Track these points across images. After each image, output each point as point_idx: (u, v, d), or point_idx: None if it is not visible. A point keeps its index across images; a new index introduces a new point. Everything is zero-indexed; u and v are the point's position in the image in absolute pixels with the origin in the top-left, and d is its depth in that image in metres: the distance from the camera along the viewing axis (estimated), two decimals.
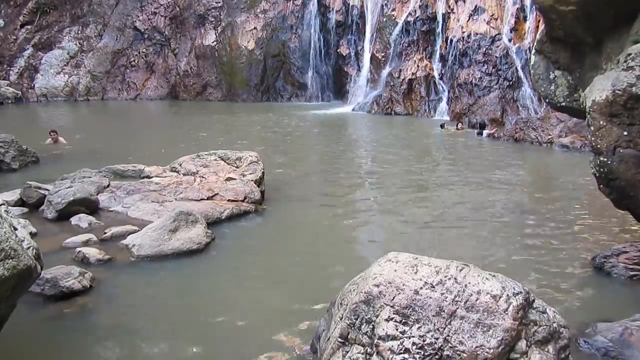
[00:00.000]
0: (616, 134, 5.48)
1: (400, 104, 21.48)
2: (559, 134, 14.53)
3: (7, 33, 27.67)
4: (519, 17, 19.72)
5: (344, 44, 24.93)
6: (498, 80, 19.45)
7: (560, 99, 6.92)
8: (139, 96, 27.80)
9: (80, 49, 27.95)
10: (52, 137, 13.75)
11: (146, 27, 28.30)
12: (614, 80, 5.43)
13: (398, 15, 22.45)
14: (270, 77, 26.58)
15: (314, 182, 10.34)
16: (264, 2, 26.66)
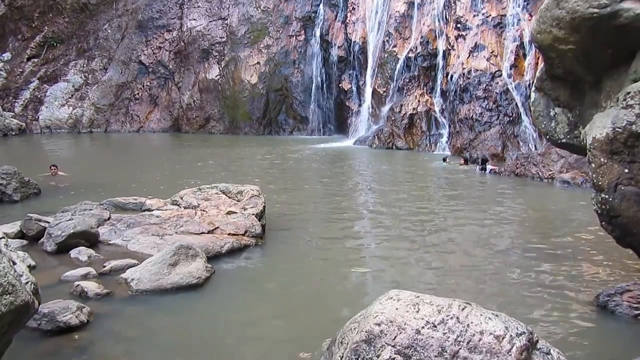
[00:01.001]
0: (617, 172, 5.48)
1: (401, 139, 21.60)
2: (560, 169, 14.54)
3: (13, 66, 28.09)
4: (519, 54, 19.99)
5: (346, 79, 25.25)
6: (498, 115, 19.60)
7: (561, 135, 6.94)
8: (142, 128, 28.04)
9: (85, 82, 28.34)
10: (52, 172, 13.70)
11: (151, 61, 28.74)
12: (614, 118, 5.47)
13: (399, 51, 22.78)
14: (273, 110, 26.84)
15: (315, 217, 10.30)
16: (267, 37, 27.14)
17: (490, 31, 20.61)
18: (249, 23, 27.58)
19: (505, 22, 20.53)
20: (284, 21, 27.12)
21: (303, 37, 26.73)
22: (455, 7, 21.50)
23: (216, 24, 28.12)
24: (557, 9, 5.69)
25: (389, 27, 23.27)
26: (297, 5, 27.01)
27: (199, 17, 28.47)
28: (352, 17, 25.17)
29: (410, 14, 22.87)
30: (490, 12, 20.74)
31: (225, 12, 28.14)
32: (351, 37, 25.03)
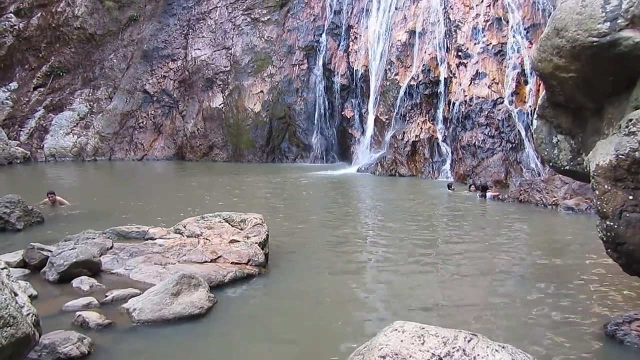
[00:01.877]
0: (622, 198, 5.46)
1: (404, 166, 21.64)
2: (564, 196, 14.49)
3: (20, 95, 28.43)
4: (520, 82, 20.15)
5: (349, 107, 25.43)
6: (501, 142, 19.65)
7: (564, 162, 6.94)
8: (146, 157, 28.18)
9: (90, 111, 28.63)
10: (50, 199, 13.65)
11: (155, 90, 29.06)
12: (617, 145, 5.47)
13: (401, 79, 22.98)
14: (276, 138, 26.99)
15: (319, 245, 10.25)
16: (271, 66, 27.46)
17: (491, 59, 20.82)
18: (253, 52, 27.94)
19: (505, 50, 20.76)
20: (287, 50, 27.47)
21: (306, 66, 27.04)
22: (456, 35, 21.77)
23: (220, 54, 28.50)
24: (557, 38, 5.75)
25: (390, 55, 23.54)
26: (300, 35, 27.40)
27: (203, 47, 28.88)
28: (354, 46, 25.49)
29: (411, 42, 23.14)
30: (491, 40, 20.99)
31: (230, 42, 28.55)
32: (353, 65, 25.29)
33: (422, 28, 22.95)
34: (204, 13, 29.31)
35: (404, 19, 23.64)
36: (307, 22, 27.50)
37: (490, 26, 21.19)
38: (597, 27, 5.41)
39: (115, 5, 29.00)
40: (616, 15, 5.36)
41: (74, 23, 28.97)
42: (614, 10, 5.38)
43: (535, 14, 20.59)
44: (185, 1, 29.67)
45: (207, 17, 29.20)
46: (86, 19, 29.09)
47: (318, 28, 27.18)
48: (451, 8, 22.30)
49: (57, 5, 29.18)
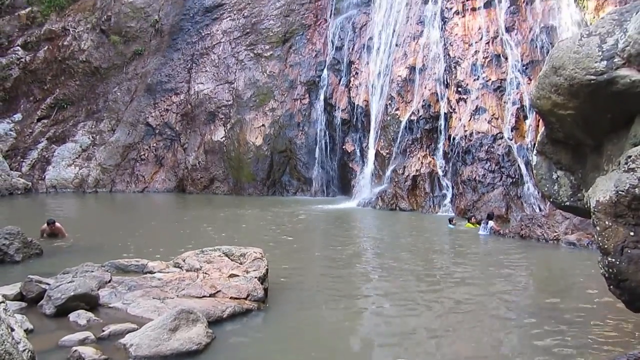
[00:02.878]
0: (623, 235, 5.44)
1: (405, 200, 21.63)
2: (565, 231, 14.44)
3: (23, 126, 28.68)
4: (519, 117, 20.33)
5: (349, 141, 25.59)
6: (501, 177, 19.70)
7: (564, 198, 6.94)
8: (147, 189, 28.22)
9: (93, 143, 28.82)
10: (50, 228, 13.61)
11: (158, 123, 29.31)
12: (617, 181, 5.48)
13: (402, 114, 23.19)
14: (277, 172, 27.08)
15: (319, 280, 10.16)
16: (273, 100, 27.77)
17: (491, 94, 21.06)
18: (255, 87, 28.29)
19: (505, 86, 21.02)
20: (289, 85, 27.82)
21: (307, 100, 27.34)
22: (456, 71, 22.08)
23: (223, 88, 28.86)
24: (555, 76, 5.83)
25: (391, 91, 23.81)
26: (302, 70, 27.80)
27: (206, 81, 29.26)
28: (355, 82, 25.81)
29: (412, 78, 23.44)
30: (490, 76, 21.27)
31: (232, 77, 28.94)
32: (354, 100, 25.56)
33: (422, 64, 23.28)
34: (208, 48, 29.80)
35: (404, 55, 24.01)
36: (309, 57, 27.94)
37: (490, 63, 21.50)
38: (595, 66, 5.49)
39: (120, 40, 29.51)
40: (613, 54, 5.45)
41: (80, 56, 29.45)
42: (610, 49, 5.47)
43: (533, 51, 20.92)
44: (190, 36, 30.21)
45: (211, 52, 29.68)
46: (92, 53, 29.58)
47: (320, 63, 27.60)
48: (451, 45, 22.68)
49: (63, 39, 29.73)
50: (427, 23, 23.86)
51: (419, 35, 23.90)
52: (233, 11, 29.92)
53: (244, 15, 29.59)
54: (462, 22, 22.90)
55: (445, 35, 23.03)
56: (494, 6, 22.38)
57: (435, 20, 23.61)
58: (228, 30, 29.71)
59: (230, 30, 29.66)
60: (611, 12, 5.93)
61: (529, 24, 21.61)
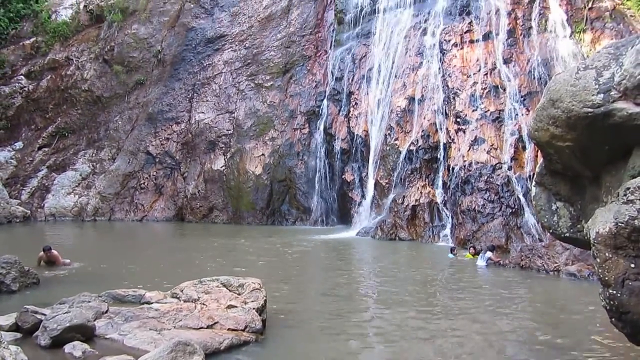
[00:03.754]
0: (623, 267, 5.42)
1: (404, 230, 21.57)
2: (566, 261, 14.36)
3: (24, 154, 28.79)
4: (518, 147, 20.43)
5: (349, 171, 25.65)
6: (501, 207, 19.69)
7: (564, 229, 6.94)
8: (146, 217, 28.15)
9: (93, 171, 28.87)
10: (46, 254, 13.53)
11: (158, 152, 29.43)
12: (616, 213, 5.48)
13: (401, 144, 23.31)
14: (276, 201, 27.07)
15: (317, 312, 10.05)
16: (273, 130, 27.95)
17: (489, 125, 21.21)
18: (256, 116, 28.51)
19: (503, 117, 21.19)
20: (289, 115, 28.04)
21: (307, 130, 27.52)
22: (455, 102, 22.29)
23: (223, 117, 29.08)
24: (552, 109, 5.90)
25: (390, 121, 23.99)
26: (302, 100, 28.06)
27: (207, 111, 29.49)
28: (355, 112, 26.02)
29: (411, 108, 23.64)
30: (489, 107, 21.46)
31: (233, 106, 29.19)
32: (354, 130, 25.71)
33: (421, 95, 23.51)
34: (209, 78, 30.13)
35: (403, 86, 24.27)
36: (309, 88, 28.24)
37: (488, 94, 21.72)
38: (591, 99, 5.56)
39: (123, 70, 29.86)
40: (609, 87, 5.52)
41: (82, 86, 29.76)
42: (606, 82, 5.55)
43: (531, 83, 21.16)
44: (191, 67, 30.57)
45: (212, 82, 30.00)
46: (94, 82, 29.90)
47: (319, 94, 27.88)
48: (449, 76, 22.95)
49: (67, 68, 30.10)
50: (426, 55, 24.19)
51: (418, 67, 24.20)
52: (235, 42, 30.36)
53: (246, 47, 30.02)
54: (460, 54, 23.22)
55: (444, 67, 23.32)
56: (492, 39, 22.73)
57: (434, 52, 23.95)
58: (229, 60, 30.09)
59: (231, 61, 30.05)
60: (607, 46, 6.02)
61: (526, 56, 21.91)
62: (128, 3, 30.77)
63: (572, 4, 22.32)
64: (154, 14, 30.85)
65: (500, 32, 22.65)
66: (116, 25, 30.48)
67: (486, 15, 23.32)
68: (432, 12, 25.34)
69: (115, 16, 30.33)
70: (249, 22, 30.43)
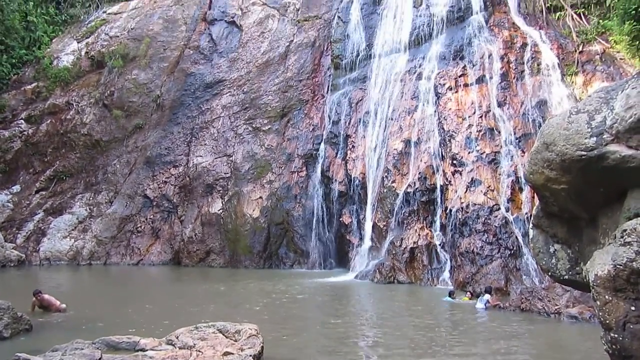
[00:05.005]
0: (624, 309, 5.38)
1: (403, 273, 21.38)
2: (566, 304, 14.21)
3: (21, 198, 28.77)
4: (515, 189, 20.51)
5: (346, 213, 25.61)
6: (499, 249, 19.60)
7: (563, 272, 6.92)
8: (142, 261, 27.89)
9: (90, 215, 28.77)
10: (37, 298, 13.32)
11: (156, 195, 29.42)
12: (614, 255, 5.49)
13: (398, 186, 23.37)
14: (274, 244, 26.91)
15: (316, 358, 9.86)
16: (270, 173, 28.06)
17: (486, 167, 21.35)
18: (253, 160, 28.67)
19: (499, 159, 21.36)
20: (287, 158, 28.22)
21: (305, 173, 27.64)
22: (451, 144, 22.50)
23: (221, 161, 29.24)
24: (547, 152, 5.98)
25: (387, 163, 24.13)
26: (300, 143, 28.31)
27: (205, 154, 29.67)
28: (352, 155, 26.21)
29: (407, 151, 23.83)
30: (484, 149, 21.65)
31: (231, 150, 29.40)
32: (351, 173, 25.83)
33: (417, 137, 23.75)
34: (208, 122, 30.45)
35: (399, 129, 24.54)
36: (306, 131, 28.54)
37: (483, 136, 21.96)
38: (585, 142, 5.64)
39: (122, 114, 30.19)
40: (601, 130, 5.62)
41: (82, 130, 30.02)
42: (599, 126, 5.65)
43: (525, 125, 21.44)
44: (190, 111, 30.94)
45: (210, 126, 30.31)
46: (94, 126, 30.18)
47: (317, 137, 28.14)
48: (445, 119, 23.25)
49: (66, 113, 30.44)
50: (421, 98, 24.57)
51: (414, 110, 24.54)
52: (233, 87, 30.85)
53: (244, 91, 30.47)
54: (455, 97, 23.60)
55: (439, 110, 23.65)
56: (486, 82, 23.16)
57: (429, 96, 24.34)
58: (228, 105, 30.49)
59: (229, 105, 30.45)
60: (597, 90, 6.16)
61: (520, 99, 22.28)
62: (129, 49, 31.38)
63: (563, 47, 22.88)
64: (154, 60, 31.43)
65: (493, 76, 23.12)
66: (116, 70, 31.00)
67: (479, 59, 23.84)
68: (426, 57, 25.89)
69: (115, 62, 30.89)
70: (247, 67, 31.00)
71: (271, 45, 31.22)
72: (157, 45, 31.78)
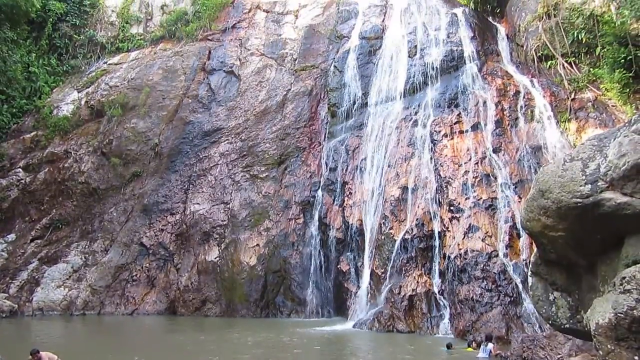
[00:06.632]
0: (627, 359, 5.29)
1: (401, 321, 21.00)
2: (569, 352, 13.90)
3: (16, 247, 28.49)
4: (513, 235, 20.46)
5: (344, 260, 25.40)
6: (499, 296, 19.37)
7: (563, 320, 6.83)
8: (137, 311, 27.39)
9: (85, 263, 28.42)
10: (35, 358, 12.93)
11: (152, 243, 29.18)
12: (614, 303, 5.44)
13: (396, 233, 23.30)
14: (271, 292, 26.52)
15: None
16: (267, 220, 27.97)
17: (483, 213, 21.37)
18: (250, 207, 28.64)
19: (496, 204, 21.41)
20: (284, 205, 28.21)
21: (302, 220, 27.57)
22: (447, 191, 22.60)
23: (218, 208, 29.20)
24: (542, 199, 6.01)
25: (384, 210, 24.14)
26: (297, 190, 28.37)
27: (202, 202, 29.66)
28: (349, 201, 26.24)
29: (404, 197, 23.90)
30: (481, 195, 21.74)
31: (228, 197, 29.41)
32: (348, 219, 25.79)
33: (414, 184, 23.87)
34: (205, 169, 30.60)
35: (396, 175, 24.70)
36: (303, 178, 28.67)
37: (480, 182, 22.09)
38: (580, 189, 5.69)
39: (120, 162, 30.33)
40: (596, 178, 5.67)
41: (79, 178, 30.06)
42: (593, 173, 5.70)
43: (521, 171, 21.62)
44: (188, 159, 31.13)
45: (208, 174, 30.43)
46: (91, 174, 30.25)
47: (314, 184, 28.25)
48: (441, 165, 23.44)
49: (65, 161, 30.56)
50: (417, 145, 24.87)
51: (410, 157, 24.78)
52: (231, 135, 31.17)
53: (242, 139, 30.79)
54: (450, 144, 23.89)
55: (436, 157, 23.88)
56: (481, 129, 23.51)
57: (425, 143, 24.63)
58: (225, 152, 30.73)
59: (227, 153, 30.68)
60: (590, 139, 6.25)
61: (515, 145, 22.56)
62: (128, 99, 31.85)
63: (556, 95, 23.35)
64: (152, 109, 31.86)
65: (488, 123, 23.49)
66: (116, 119, 31.35)
67: (474, 107, 24.28)
68: (421, 105, 26.37)
69: (115, 111, 31.29)
70: (245, 115, 31.44)
71: (269, 94, 31.80)
72: (157, 94, 32.31)
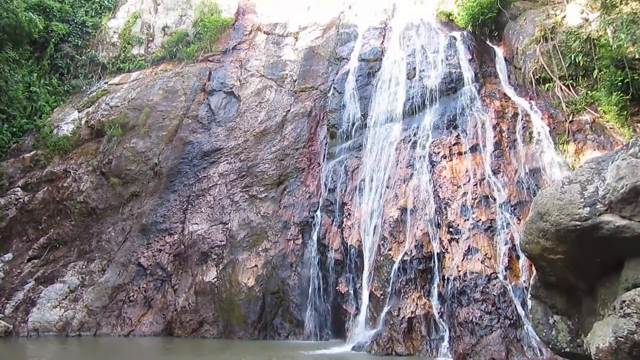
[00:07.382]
0: None
1: (401, 344, 20.79)
2: None
3: (12, 266, 28.31)
4: (512, 256, 20.36)
5: (343, 282, 25.25)
6: (499, 319, 19.21)
7: (564, 344, 6.75)
8: (133, 332, 27.12)
9: (82, 284, 28.24)
10: None
11: (150, 263, 29.05)
12: (614, 327, 5.38)
13: (394, 254, 23.20)
14: (269, 314, 26.30)
15: None
16: (266, 241, 27.89)
17: (482, 234, 21.32)
18: (249, 227, 28.58)
19: (495, 226, 21.37)
20: (283, 226, 28.15)
21: (301, 241, 27.49)
22: (446, 212, 22.57)
23: (217, 228, 29.13)
24: (541, 222, 5.99)
25: (383, 231, 24.08)
26: (295, 211, 28.34)
27: (201, 222, 29.60)
28: (348, 222, 26.19)
29: (403, 219, 23.85)
30: (480, 216, 21.71)
31: (227, 217, 29.37)
32: (347, 241, 25.70)
33: (413, 205, 23.85)
34: (204, 190, 30.61)
35: (395, 196, 24.69)
36: (302, 199, 28.66)
37: (479, 203, 22.08)
38: (578, 212, 5.67)
39: (119, 182, 30.37)
40: (594, 200, 5.66)
41: (78, 197, 30.04)
42: (591, 196, 5.69)
43: (520, 192, 21.63)
44: (187, 179, 31.17)
45: (207, 194, 30.43)
46: (90, 194, 30.23)
47: (313, 205, 28.22)
48: (440, 187, 23.45)
49: (64, 180, 30.57)
50: (416, 166, 24.92)
51: (409, 178, 24.81)
52: (230, 155, 31.26)
53: (241, 159, 30.87)
54: (449, 165, 23.94)
55: (434, 178, 23.91)
56: (479, 151, 23.58)
57: (424, 164, 24.69)
58: (224, 173, 30.78)
59: (226, 173, 30.73)
60: (589, 161, 6.26)
61: (513, 167, 22.61)
62: (128, 119, 32.03)
63: (554, 117, 23.49)
64: (152, 129, 32.02)
65: (487, 145, 23.58)
66: (115, 139, 31.48)
67: (472, 128, 24.40)
68: (420, 126, 26.50)
69: (115, 131, 31.44)
70: (244, 136, 31.58)
71: (268, 114, 32.00)
72: (157, 114, 32.51)
